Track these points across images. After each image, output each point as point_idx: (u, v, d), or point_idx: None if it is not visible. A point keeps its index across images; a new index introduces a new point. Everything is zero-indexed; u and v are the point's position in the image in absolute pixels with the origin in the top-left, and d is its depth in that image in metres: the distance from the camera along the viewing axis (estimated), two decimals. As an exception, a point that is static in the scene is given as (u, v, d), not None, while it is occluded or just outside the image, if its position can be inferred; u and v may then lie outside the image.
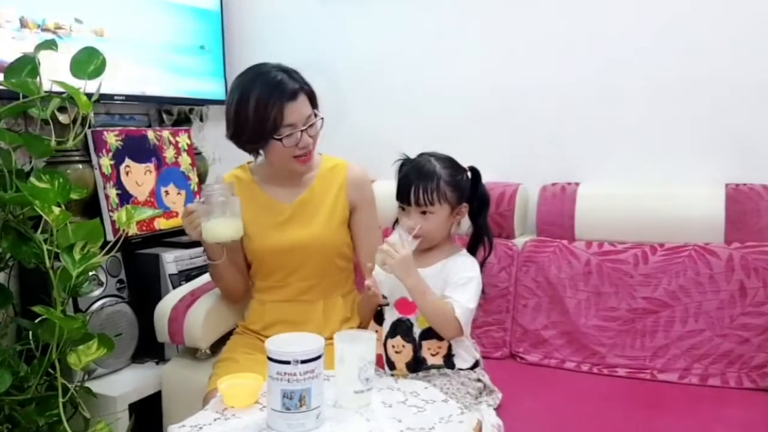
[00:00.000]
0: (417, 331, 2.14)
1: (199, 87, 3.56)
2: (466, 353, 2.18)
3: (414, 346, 2.15)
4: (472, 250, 2.25)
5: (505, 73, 3.17)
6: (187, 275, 2.94)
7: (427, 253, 2.18)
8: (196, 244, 3.02)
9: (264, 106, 2.25)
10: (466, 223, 2.27)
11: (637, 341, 2.58)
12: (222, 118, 2.36)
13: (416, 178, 2.12)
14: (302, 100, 2.31)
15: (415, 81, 3.36)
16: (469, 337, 2.19)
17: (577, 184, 2.89)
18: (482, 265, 2.23)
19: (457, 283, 2.11)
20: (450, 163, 2.19)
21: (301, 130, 2.29)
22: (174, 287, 2.85)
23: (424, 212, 2.12)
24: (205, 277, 2.76)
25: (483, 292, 2.18)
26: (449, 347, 2.15)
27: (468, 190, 2.19)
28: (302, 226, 2.41)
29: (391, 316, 2.19)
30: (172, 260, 2.92)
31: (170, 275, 2.91)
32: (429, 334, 2.13)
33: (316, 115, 2.34)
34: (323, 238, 2.40)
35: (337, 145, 2.62)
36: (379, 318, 2.25)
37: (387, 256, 2.05)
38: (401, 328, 2.16)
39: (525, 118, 3.14)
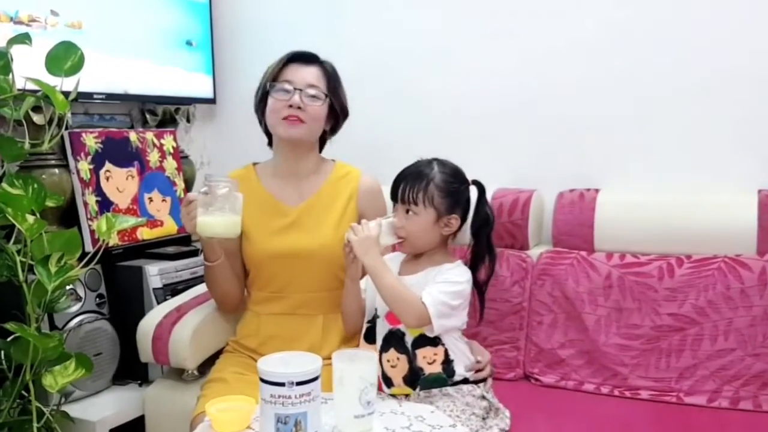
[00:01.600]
0: (409, 339, 2.16)
1: (185, 85, 3.57)
2: (465, 356, 2.20)
3: (408, 356, 2.17)
4: (473, 270, 2.25)
5: (518, 71, 3.19)
6: (173, 289, 2.93)
7: (415, 260, 2.23)
8: (182, 255, 3.04)
9: (273, 63, 2.42)
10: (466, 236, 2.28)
11: (662, 361, 2.57)
12: (210, 118, 2.38)
13: (407, 176, 2.19)
14: (312, 69, 2.42)
15: (422, 79, 3.38)
16: (461, 338, 2.22)
17: (596, 190, 2.90)
18: (482, 289, 2.26)
19: (433, 281, 2.14)
20: (451, 170, 2.22)
21: (296, 89, 2.36)
22: (158, 302, 2.84)
23: (408, 211, 2.17)
24: (193, 292, 2.77)
25: (482, 313, 2.25)
26: (445, 352, 2.16)
27: (464, 203, 2.21)
28: (307, 231, 2.43)
29: (382, 329, 2.22)
30: (156, 273, 2.92)
31: (154, 289, 2.91)
32: (422, 341, 2.15)
33: (330, 102, 2.42)
34: (329, 247, 2.40)
35: (336, 150, 2.62)
36: (369, 336, 2.28)
37: (353, 233, 2.13)
38: (394, 340, 2.19)
39: (540, 119, 3.15)
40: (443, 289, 2.10)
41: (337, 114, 2.48)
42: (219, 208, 2.21)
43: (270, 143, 2.54)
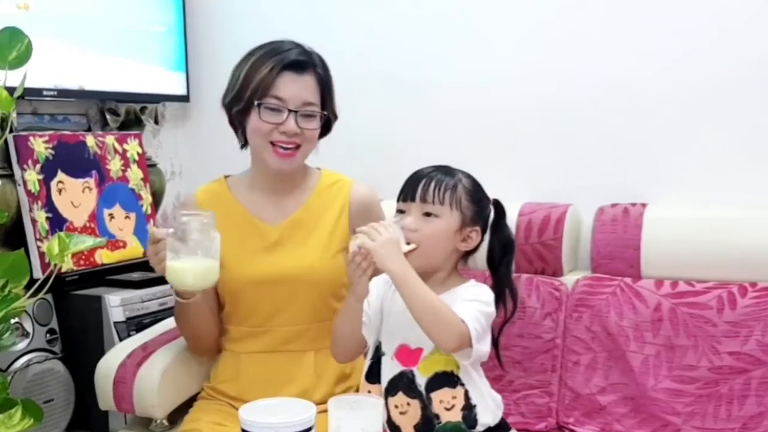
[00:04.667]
0: (421, 381, 2.13)
1: (153, 80, 3.59)
2: (490, 400, 2.18)
3: (421, 401, 2.14)
4: None
5: (549, 66, 3.19)
6: (138, 323, 2.94)
7: None
8: (149, 283, 3.06)
9: (260, 65, 2.36)
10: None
11: (722, 409, 2.57)
12: (183, 119, 2.38)
13: (430, 173, 2.17)
14: (307, 80, 2.39)
15: (431, 77, 3.39)
16: (484, 375, 2.20)
17: (643, 205, 2.88)
18: (498, 335, 2.24)
19: (462, 299, 2.11)
20: (476, 181, 2.23)
21: (290, 111, 2.34)
22: (121, 339, 2.85)
23: (428, 214, 2.14)
24: (162, 326, 2.77)
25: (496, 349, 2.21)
26: (466, 395, 2.13)
27: (485, 220, 2.23)
28: (292, 252, 2.44)
29: (390, 369, 2.19)
30: (118, 304, 2.92)
31: (116, 323, 2.91)
32: (438, 382, 2.12)
33: (325, 116, 2.42)
34: (317, 270, 2.41)
35: (327, 158, 2.60)
36: (371, 375, 2.24)
37: (367, 237, 2.05)
38: (403, 382, 2.16)
39: (576, 121, 3.15)
40: (479, 308, 2.08)
41: (328, 119, 2.48)
42: (192, 253, 2.18)
43: (245, 145, 2.51)
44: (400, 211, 2.18)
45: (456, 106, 3.35)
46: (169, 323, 2.76)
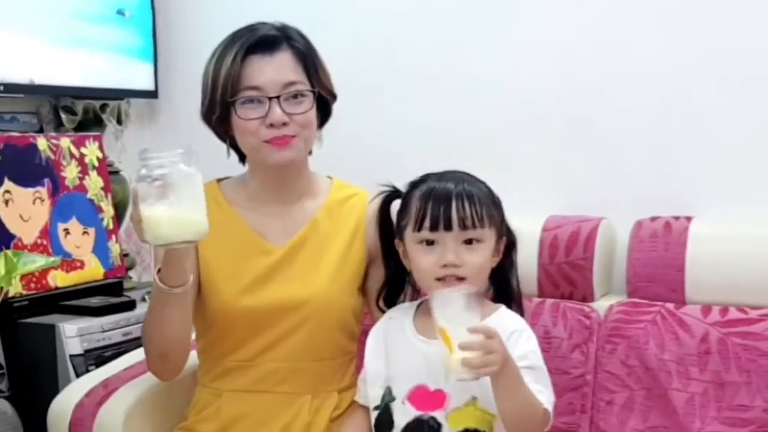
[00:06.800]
0: None
1: (116, 73, 3.60)
2: None
3: (444, 456, 2.15)
4: None
5: (578, 60, 3.19)
6: (98, 357, 2.94)
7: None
8: (110, 309, 3.08)
9: (224, 56, 2.34)
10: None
11: (780, 456, 2.59)
12: (151, 118, 2.36)
13: (457, 188, 2.15)
14: (281, 58, 2.36)
15: (441, 72, 3.39)
16: None
17: (688, 218, 2.86)
18: None
19: (525, 362, 2.08)
20: (487, 184, 2.25)
21: (271, 98, 2.31)
22: (78, 375, 2.84)
23: (470, 241, 2.13)
24: (126, 360, 2.74)
25: None
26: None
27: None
28: (296, 277, 2.41)
29: (403, 416, 2.17)
30: (74, 334, 2.92)
31: (72, 356, 2.91)
32: None
33: (311, 92, 2.38)
34: (325, 299, 2.40)
35: (321, 163, 2.61)
36: (382, 424, 2.22)
37: (487, 354, 1.94)
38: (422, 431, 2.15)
39: (609, 122, 3.15)
40: (542, 365, 2.11)
41: (325, 100, 2.46)
42: (166, 198, 2.05)
43: (242, 159, 2.51)
44: (428, 242, 2.14)
45: (469, 104, 3.36)
46: (135, 356, 2.73)
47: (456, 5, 3.36)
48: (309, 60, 2.39)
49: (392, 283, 2.38)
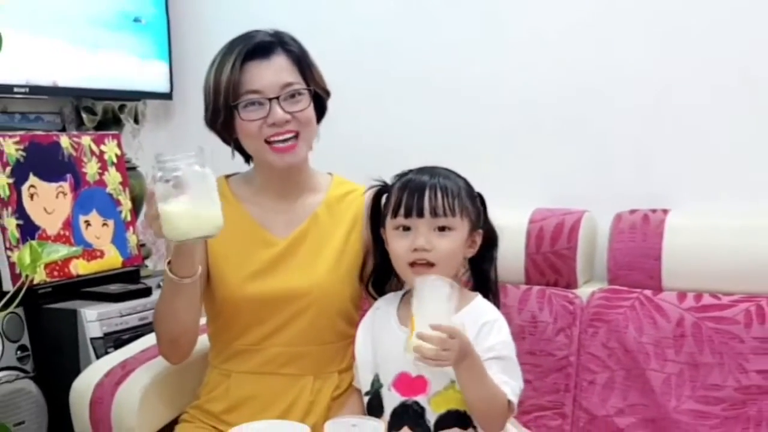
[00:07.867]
0: (431, 417, 2.17)
1: (133, 75, 3.62)
2: None
3: (429, 437, 2.19)
4: None
5: (562, 60, 3.23)
6: (117, 339, 2.94)
7: None
8: (128, 295, 3.08)
9: (224, 64, 2.40)
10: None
11: (750, 432, 2.59)
12: (166, 118, 2.42)
13: (432, 180, 2.20)
14: (278, 62, 2.42)
15: (434, 73, 3.42)
16: (517, 426, 2.25)
17: (665, 211, 2.90)
18: None
19: (492, 353, 2.14)
20: (465, 178, 2.29)
21: (271, 99, 2.38)
22: (98, 356, 2.85)
23: (442, 228, 2.19)
24: (142, 343, 2.79)
25: None
26: (481, 436, 2.17)
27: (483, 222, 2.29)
28: (298, 267, 2.47)
29: (390, 401, 2.22)
30: (95, 318, 2.92)
31: (92, 339, 2.92)
32: (450, 420, 2.16)
33: (308, 91, 2.44)
34: (325, 288, 2.45)
35: (320, 160, 2.64)
36: (374, 408, 2.27)
37: (440, 348, 1.98)
38: (408, 415, 2.19)
39: (591, 120, 3.18)
40: (512, 355, 2.15)
41: (320, 98, 2.52)
42: (183, 196, 2.11)
43: (247, 159, 2.58)
44: (404, 228, 2.19)
45: (460, 104, 3.38)
46: (151, 339, 2.70)
47: (452, 8, 3.37)
48: (303, 61, 2.45)
49: (380, 270, 2.41)
